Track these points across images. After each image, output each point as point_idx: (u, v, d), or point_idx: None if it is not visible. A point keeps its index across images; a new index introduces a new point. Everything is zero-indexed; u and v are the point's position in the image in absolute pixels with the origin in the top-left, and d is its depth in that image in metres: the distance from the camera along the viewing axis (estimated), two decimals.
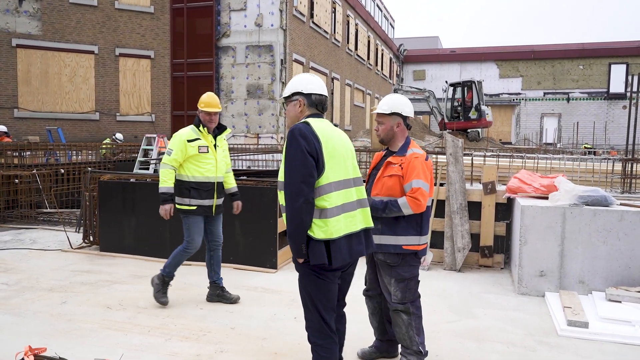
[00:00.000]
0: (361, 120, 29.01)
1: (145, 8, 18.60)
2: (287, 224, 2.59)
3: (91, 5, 17.79)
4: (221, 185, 4.71)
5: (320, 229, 2.57)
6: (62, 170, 10.15)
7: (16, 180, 9.39)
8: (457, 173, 6.13)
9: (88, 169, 7.60)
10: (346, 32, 25.98)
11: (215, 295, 4.77)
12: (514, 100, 35.99)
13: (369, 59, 30.80)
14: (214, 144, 4.62)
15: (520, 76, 35.95)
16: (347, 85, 26.36)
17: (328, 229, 2.57)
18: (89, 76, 18.07)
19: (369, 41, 30.68)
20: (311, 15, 20.66)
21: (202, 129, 4.56)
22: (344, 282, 2.88)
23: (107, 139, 16.58)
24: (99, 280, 5.47)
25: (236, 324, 4.22)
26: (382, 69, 34.90)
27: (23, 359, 2.99)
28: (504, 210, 6.20)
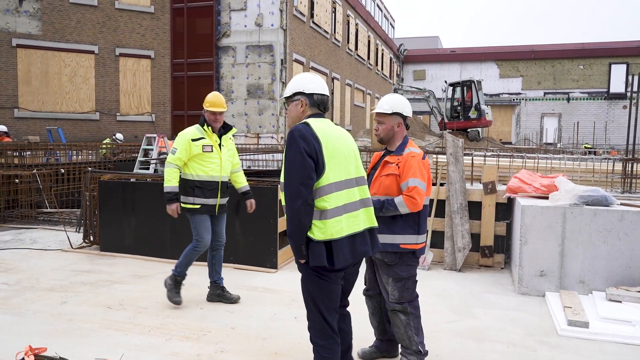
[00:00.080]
0: (361, 120, 29.02)
1: (145, 8, 18.60)
2: (287, 225, 2.60)
3: (91, 5, 17.80)
4: (225, 184, 4.71)
5: (320, 230, 2.57)
6: (63, 170, 10.15)
7: (16, 180, 9.40)
8: (458, 173, 6.13)
9: (88, 168, 7.59)
10: (346, 32, 25.98)
11: (215, 295, 4.78)
12: (514, 100, 36.00)
13: (369, 58, 30.80)
14: (219, 144, 4.63)
15: (521, 76, 35.95)
16: (347, 85, 26.36)
17: (327, 229, 2.57)
18: (89, 76, 18.07)
19: (369, 41, 30.68)
20: (311, 15, 20.66)
21: (207, 128, 4.57)
22: (347, 282, 2.86)
23: (107, 139, 16.58)
24: (99, 280, 5.47)
25: (236, 324, 4.22)
26: (382, 68, 34.91)
27: (23, 358, 2.99)
28: (504, 210, 6.20)
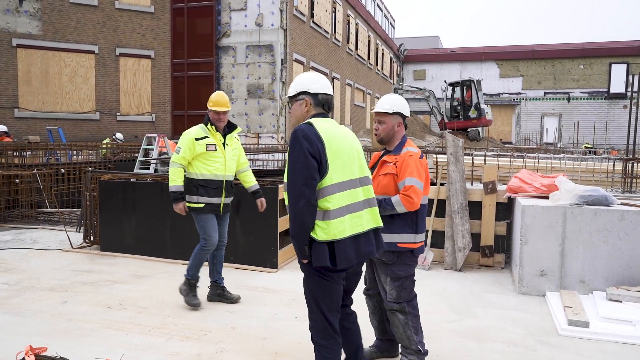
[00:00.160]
0: (361, 120, 29.02)
1: (145, 8, 18.61)
2: (290, 225, 2.59)
3: (91, 5, 17.80)
4: (230, 184, 4.70)
5: (323, 231, 2.56)
6: (63, 170, 10.15)
7: (17, 180, 9.40)
8: (458, 173, 6.13)
9: (89, 168, 7.59)
10: (346, 32, 25.98)
11: (215, 294, 4.78)
12: (514, 100, 35.99)
13: (369, 58, 30.80)
14: (223, 143, 4.63)
15: (521, 76, 35.95)
16: (348, 85, 26.36)
17: (330, 230, 2.56)
18: (90, 76, 18.07)
19: (369, 41, 30.68)
20: (311, 15, 20.66)
21: (211, 127, 4.58)
22: (350, 281, 2.85)
23: (107, 139, 16.57)
24: (99, 280, 5.47)
25: (237, 324, 4.22)
26: (383, 68, 34.90)
27: (24, 358, 3.00)
28: (505, 210, 6.20)
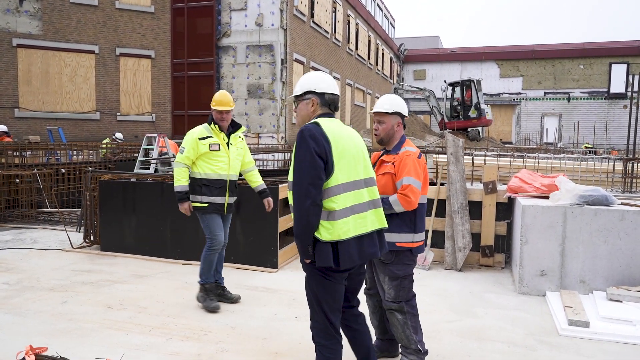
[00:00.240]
0: (362, 120, 29.01)
1: (145, 8, 18.60)
2: (295, 225, 2.58)
3: (92, 5, 17.79)
4: (234, 183, 4.70)
5: (327, 231, 2.56)
6: (63, 170, 10.15)
7: (17, 180, 9.40)
8: (458, 172, 6.13)
9: (89, 168, 7.60)
10: (347, 32, 25.97)
11: (216, 294, 4.77)
12: (514, 100, 35.98)
13: (369, 58, 30.80)
14: (227, 142, 4.62)
15: (521, 76, 35.94)
16: (348, 85, 26.36)
17: (335, 230, 2.56)
18: (90, 76, 18.07)
19: (369, 41, 30.67)
20: (312, 15, 20.66)
21: (214, 126, 4.58)
22: (354, 281, 2.85)
23: (107, 139, 16.57)
24: (99, 279, 5.47)
25: (237, 324, 4.22)
26: (383, 68, 34.89)
27: (24, 358, 2.99)
28: (505, 210, 6.20)
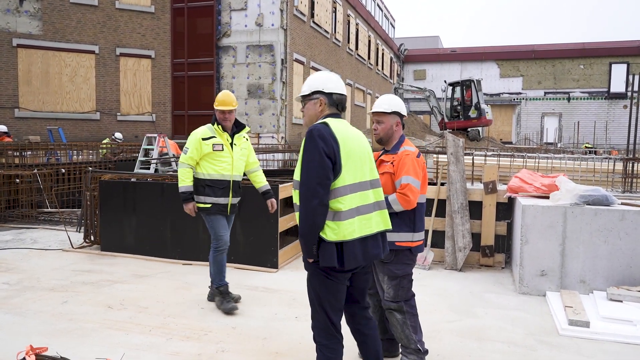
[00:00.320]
0: (362, 120, 29.00)
1: (145, 8, 18.60)
2: (300, 224, 2.58)
3: (92, 5, 17.79)
4: (237, 184, 4.68)
5: (333, 231, 2.56)
6: (63, 170, 10.16)
7: (17, 180, 9.40)
8: (458, 172, 6.13)
9: (89, 168, 7.60)
10: (347, 32, 25.97)
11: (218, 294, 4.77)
12: (514, 99, 35.97)
13: (369, 58, 30.79)
14: (231, 142, 4.61)
15: (521, 76, 35.93)
16: (348, 84, 26.35)
17: (340, 231, 2.56)
18: (90, 76, 18.07)
19: (369, 41, 30.67)
20: (312, 15, 20.66)
21: (217, 127, 4.57)
22: (360, 280, 2.84)
23: (107, 139, 16.57)
24: (100, 279, 5.47)
25: (237, 324, 4.22)
26: (383, 68, 34.88)
27: (24, 358, 2.99)
28: (505, 210, 6.20)
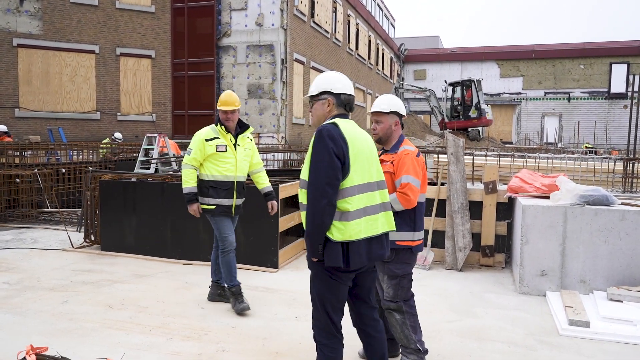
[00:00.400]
0: (362, 119, 29.00)
1: (146, 8, 18.60)
2: (307, 224, 2.58)
3: (92, 4, 17.80)
4: (241, 185, 4.65)
5: (339, 231, 2.56)
6: (63, 170, 10.16)
7: (17, 180, 9.41)
8: (459, 172, 6.13)
9: (89, 168, 7.60)
10: (347, 32, 25.97)
11: (216, 294, 4.78)
12: (514, 99, 35.97)
13: (369, 58, 30.79)
14: (235, 143, 4.58)
15: (521, 76, 35.92)
16: None
17: (347, 231, 2.56)
18: (90, 76, 18.07)
19: (369, 41, 30.67)
20: (312, 15, 20.66)
21: (221, 127, 4.55)
22: (367, 280, 2.84)
23: (107, 139, 16.58)
24: (100, 279, 5.47)
25: (237, 324, 4.22)
26: (383, 68, 34.88)
27: (25, 358, 2.99)
28: (505, 210, 6.20)
